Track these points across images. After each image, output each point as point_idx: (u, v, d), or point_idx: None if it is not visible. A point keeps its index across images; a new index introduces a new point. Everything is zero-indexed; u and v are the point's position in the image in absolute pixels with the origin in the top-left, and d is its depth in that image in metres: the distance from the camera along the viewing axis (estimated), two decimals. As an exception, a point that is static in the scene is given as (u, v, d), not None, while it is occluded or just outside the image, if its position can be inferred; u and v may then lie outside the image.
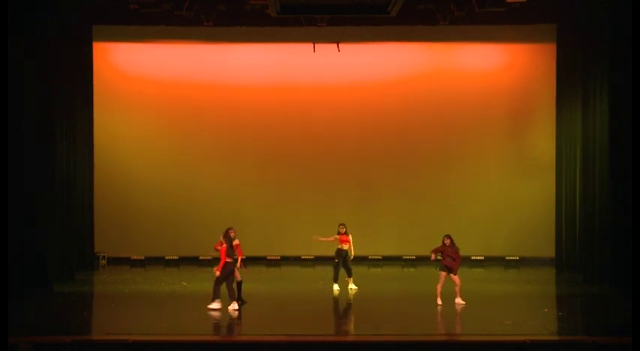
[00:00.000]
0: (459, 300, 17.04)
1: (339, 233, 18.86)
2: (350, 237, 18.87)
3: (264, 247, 23.23)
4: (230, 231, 16.64)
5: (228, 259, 16.36)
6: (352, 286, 18.93)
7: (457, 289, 17.12)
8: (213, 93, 23.73)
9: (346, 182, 23.65)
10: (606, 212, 21.49)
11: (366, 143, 23.72)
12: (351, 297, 18.44)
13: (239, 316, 16.12)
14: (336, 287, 18.80)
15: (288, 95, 23.79)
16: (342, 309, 17.90)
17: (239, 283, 16.90)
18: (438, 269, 17.28)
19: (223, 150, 23.68)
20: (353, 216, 23.05)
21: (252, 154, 23.69)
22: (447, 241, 17.27)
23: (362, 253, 19.42)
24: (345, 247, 18.88)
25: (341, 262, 18.87)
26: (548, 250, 23.09)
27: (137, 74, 23.73)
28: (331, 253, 19.02)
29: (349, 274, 18.94)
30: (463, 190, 23.57)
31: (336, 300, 18.29)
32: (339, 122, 23.76)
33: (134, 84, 23.69)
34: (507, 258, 23.46)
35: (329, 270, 19.46)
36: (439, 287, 17.10)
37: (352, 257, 18.89)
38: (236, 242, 16.68)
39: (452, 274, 17.08)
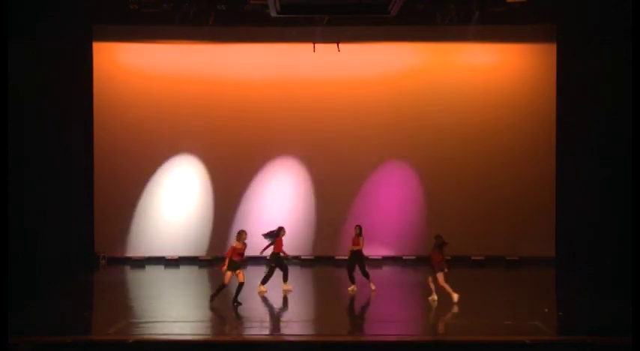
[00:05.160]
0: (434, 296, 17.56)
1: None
2: (360, 239, 18.92)
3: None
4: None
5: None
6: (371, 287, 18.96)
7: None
8: (213, 93, 23.70)
9: (346, 182, 23.61)
10: (606, 212, 21.55)
11: (366, 142, 23.68)
12: (352, 297, 18.43)
13: (239, 316, 16.13)
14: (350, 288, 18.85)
15: (288, 95, 23.76)
16: (342, 309, 17.89)
17: (240, 285, 16.92)
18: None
19: (223, 149, 23.66)
20: (353, 216, 23.07)
21: (252, 154, 23.67)
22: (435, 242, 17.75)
23: (366, 253, 19.38)
24: (354, 248, 18.92)
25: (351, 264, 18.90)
26: (548, 250, 23.08)
27: (137, 74, 23.70)
28: (333, 253, 19.07)
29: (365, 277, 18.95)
30: (463, 190, 23.54)
31: (336, 300, 18.29)
32: (339, 121, 23.73)
33: (134, 84, 23.66)
34: (507, 258, 23.44)
35: (329, 270, 19.48)
36: (431, 284, 17.51)
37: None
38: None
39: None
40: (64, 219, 21.78)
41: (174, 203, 23.57)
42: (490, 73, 23.74)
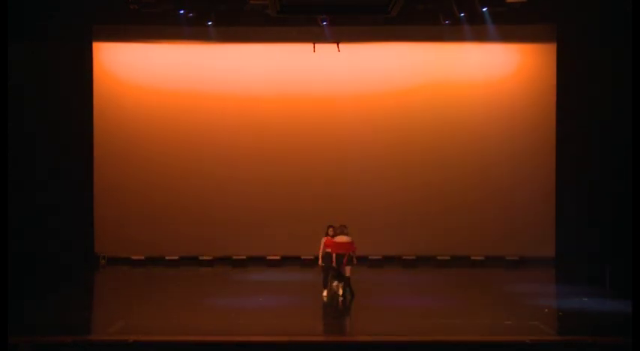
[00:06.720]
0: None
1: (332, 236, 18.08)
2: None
3: (265, 247, 23.21)
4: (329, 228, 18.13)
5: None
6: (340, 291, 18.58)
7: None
8: (213, 93, 23.70)
9: (346, 181, 23.61)
10: (606, 212, 21.56)
11: (366, 142, 23.65)
12: (351, 298, 18.41)
13: (239, 317, 16.13)
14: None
15: (288, 95, 23.76)
16: (341, 310, 17.89)
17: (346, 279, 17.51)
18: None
19: (223, 150, 23.65)
20: (353, 216, 23.04)
21: (252, 154, 23.66)
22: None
23: (362, 253, 19.35)
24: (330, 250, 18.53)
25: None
26: (548, 250, 23.07)
27: (137, 74, 23.67)
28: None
29: (340, 279, 18.49)
30: (463, 190, 23.53)
31: (335, 301, 18.26)
32: (339, 122, 23.71)
33: (134, 84, 23.64)
34: (507, 258, 23.43)
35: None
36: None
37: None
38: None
39: None
40: (64, 219, 21.77)
41: (174, 203, 23.54)
42: (490, 73, 23.71)
